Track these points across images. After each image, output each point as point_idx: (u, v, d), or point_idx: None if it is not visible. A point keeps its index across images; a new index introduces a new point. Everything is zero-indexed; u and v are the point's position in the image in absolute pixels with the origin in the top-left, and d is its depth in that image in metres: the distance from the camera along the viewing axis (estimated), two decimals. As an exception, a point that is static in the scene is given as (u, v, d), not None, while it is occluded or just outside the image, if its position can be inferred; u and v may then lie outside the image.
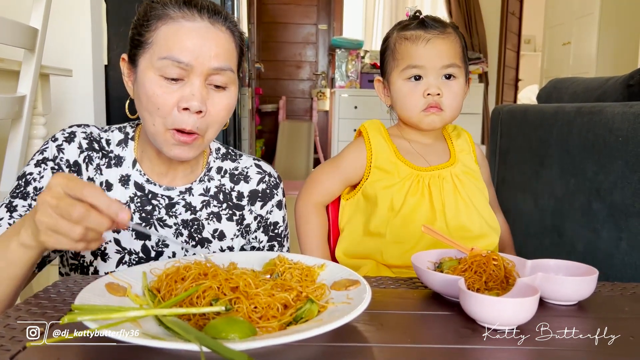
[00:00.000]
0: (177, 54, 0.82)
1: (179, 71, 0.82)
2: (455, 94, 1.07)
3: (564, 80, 2.16)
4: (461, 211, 1.08)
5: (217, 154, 1.04)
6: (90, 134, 0.95)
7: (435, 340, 0.60)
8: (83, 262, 0.92)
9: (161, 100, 0.83)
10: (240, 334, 0.54)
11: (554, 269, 0.77)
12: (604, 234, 1.51)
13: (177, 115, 0.83)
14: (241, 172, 1.03)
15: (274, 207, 1.05)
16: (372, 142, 1.12)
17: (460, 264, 0.77)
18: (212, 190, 1.00)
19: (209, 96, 0.85)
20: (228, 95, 0.88)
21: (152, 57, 0.83)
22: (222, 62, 0.85)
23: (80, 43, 2.35)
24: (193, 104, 0.82)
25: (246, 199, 1.02)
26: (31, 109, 1.63)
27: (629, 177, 1.41)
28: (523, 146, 2.03)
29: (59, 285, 0.75)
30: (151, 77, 0.83)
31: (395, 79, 1.11)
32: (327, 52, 5.62)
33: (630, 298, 0.76)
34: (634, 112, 1.42)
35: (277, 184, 1.06)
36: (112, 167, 0.95)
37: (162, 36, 0.83)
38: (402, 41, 1.10)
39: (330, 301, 0.64)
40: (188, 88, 0.83)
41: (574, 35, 4.78)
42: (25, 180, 0.89)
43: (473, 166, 1.15)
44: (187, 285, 0.64)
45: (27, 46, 1.56)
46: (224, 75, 0.85)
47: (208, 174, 1.00)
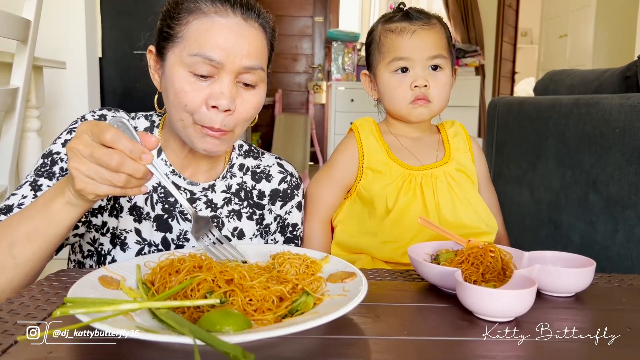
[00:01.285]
0: (208, 51, 0.80)
1: (209, 68, 0.80)
2: (442, 85, 1.07)
3: (560, 72, 2.16)
4: (458, 209, 1.07)
5: (239, 150, 1.03)
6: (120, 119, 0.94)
7: (431, 333, 0.59)
8: (101, 249, 0.91)
9: (189, 97, 0.81)
10: (234, 326, 0.54)
11: (551, 260, 0.77)
12: (600, 226, 1.51)
13: (206, 113, 0.82)
14: (263, 170, 1.02)
15: (294, 207, 1.04)
16: (364, 143, 1.11)
17: (457, 256, 0.76)
18: (233, 188, 0.98)
19: (238, 94, 0.83)
20: (257, 94, 0.86)
21: (181, 52, 0.81)
22: (254, 60, 0.83)
23: (74, 35, 2.34)
24: (222, 103, 0.80)
25: (267, 198, 1.01)
26: (24, 101, 1.61)
27: (625, 169, 1.41)
28: (519, 139, 2.02)
29: (51, 278, 0.75)
30: (180, 73, 0.81)
31: (381, 72, 1.09)
32: (324, 45, 5.59)
33: (628, 289, 0.75)
34: (630, 104, 1.41)
35: (298, 184, 1.05)
36: None
37: (193, 31, 0.81)
38: (387, 34, 1.08)
39: (326, 293, 0.64)
40: (218, 86, 0.81)
41: (571, 27, 4.77)
42: (51, 159, 0.87)
43: (469, 165, 1.13)
44: (182, 277, 0.63)
45: (20, 38, 1.54)
46: (254, 74, 0.84)
47: (230, 170, 0.99)
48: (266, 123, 5.71)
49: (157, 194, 0.92)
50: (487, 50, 5.51)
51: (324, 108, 5.59)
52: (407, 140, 1.14)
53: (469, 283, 0.63)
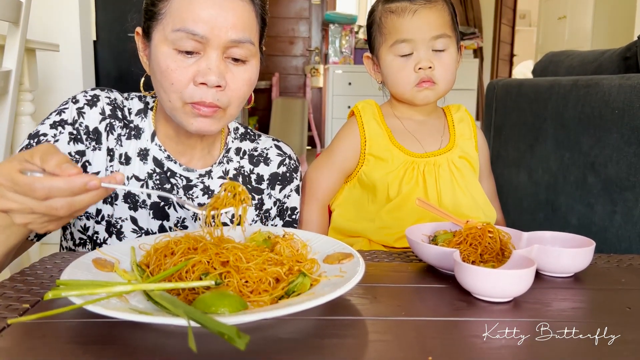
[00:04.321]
0: (191, 25, 0.76)
1: (193, 44, 0.77)
2: (447, 66, 1.04)
3: (559, 53, 2.14)
4: (459, 199, 1.06)
5: (235, 133, 0.99)
6: (114, 100, 0.90)
7: (429, 313, 0.59)
8: (96, 238, 0.89)
9: (175, 75, 0.78)
10: (230, 308, 0.53)
11: (550, 241, 0.76)
12: (598, 208, 1.50)
13: (195, 89, 0.78)
14: (261, 153, 0.99)
15: (293, 191, 1.01)
16: (366, 128, 1.09)
17: (455, 237, 0.76)
18: (230, 173, 0.96)
19: (227, 70, 0.80)
20: (248, 69, 0.82)
21: (165, 29, 0.78)
22: (241, 33, 0.79)
23: (68, 17, 2.30)
24: (210, 79, 0.77)
25: (266, 182, 0.98)
26: (17, 84, 1.59)
27: (624, 150, 1.40)
28: (518, 121, 2.01)
29: (45, 261, 0.74)
30: (165, 51, 0.78)
31: (384, 54, 1.07)
32: (321, 28, 5.54)
33: (627, 269, 0.75)
34: (630, 85, 1.40)
35: (296, 167, 1.02)
36: (132, 138, 0.90)
37: (175, 7, 0.78)
38: (388, 14, 1.05)
39: (323, 274, 0.63)
40: (204, 61, 0.78)
41: (569, 9, 4.73)
42: (37, 140, 0.84)
43: (472, 153, 1.12)
44: (176, 259, 0.63)
45: (11, 19, 1.51)
46: (243, 47, 0.80)
47: (227, 155, 0.96)
48: (263, 107, 5.68)
49: (152, 181, 0.90)
50: (486, 32, 5.47)
51: (321, 91, 5.55)
52: (412, 124, 1.12)
53: (467, 263, 0.63)
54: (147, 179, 0.90)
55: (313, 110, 5.48)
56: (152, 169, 0.90)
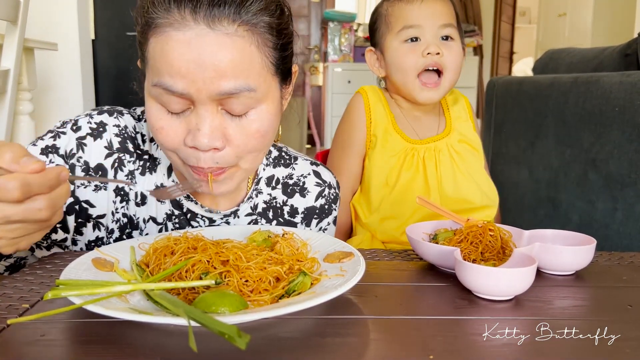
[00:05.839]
0: (167, 80, 0.61)
1: (177, 101, 0.62)
2: (455, 54, 1.03)
3: (560, 51, 2.13)
4: (460, 183, 1.06)
5: (267, 159, 0.85)
6: (124, 129, 0.76)
7: (430, 312, 0.58)
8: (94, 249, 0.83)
9: (165, 135, 0.65)
10: (230, 307, 0.53)
11: (551, 239, 0.76)
12: (599, 205, 1.50)
13: (189, 152, 0.65)
14: (296, 182, 0.85)
15: (330, 224, 0.89)
16: (372, 109, 1.09)
17: (455, 235, 0.75)
18: (260, 207, 0.83)
19: (226, 123, 0.64)
20: (256, 120, 0.65)
21: (148, 79, 0.65)
22: (232, 82, 0.61)
23: (66, 16, 2.29)
24: (201, 142, 0.62)
25: (300, 216, 0.85)
26: (16, 83, 1.59)
27: (625, 147, 1.40)
28: (518, 118, 2.01)
29: (45, 261, 0.73)
30: (152, 106, 0.65)
31: (390, 42, 1.06)
32: (320, 26, 5.53)
33: (628, 267, 0.75)
34: (631, 82, 1.40)
35: (336, 196, 0.88)
36: (147, 173, 0.77)
37: (151, 54, 0.63)
38: (395, 3, 1.06)
39: (323, 273, 0.63)
40: (194, 119, 0.63)
41: (570, 6, 4.72)
42: None
43: (471, 135, 1.12)
44: (176, 259, 0.62)
45: (10, 18, 1.51)
46: (240, 98, 0.62)
47: (257, 187, 0.83)
48: (263, 105, 5.65)
49: (171, 223, 0.79)
50: (485, 30, 5.46)
51: (320, 90, 5.54)
52: (409, 117, 1.12)
53: (468, 262, 0.63)
54: (165, 221, 0.79)
55: (312, 109, 5.47)
56: (170, 210, 0.79)
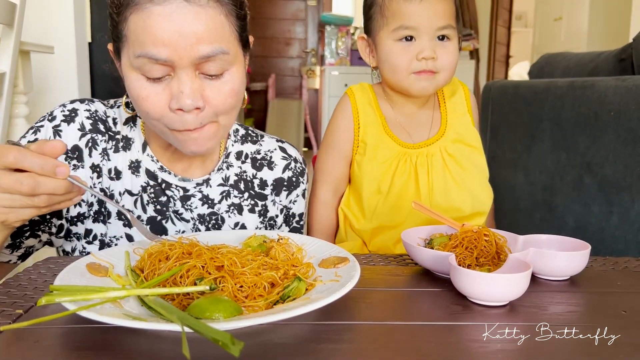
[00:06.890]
0: (151, 50, 0.68)
1: (160, 68, 0.70)
2: (451, 54, 0.99)
3: (555, 55, 2.14)
4: (451, 191, 1.02)
5: (235, 136, 0.93)
6: (94, 113, 0.84)
7: (425, 317, 0.58)
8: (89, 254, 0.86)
9: (149, 103, 0.72)
10: (225, 313, 0.53)
11: (546, 244, 0.76)
12: (594, 209, 1.50)
13: (174, 117, 0.72)
14: (264, 156, 0.94)
15: (299, 196, 0.96)
16: (361, 114, 1.05)
17: (450, 240, 0.75)
18: (231, 179, 0.90)
19: (204, 86, 0.72)
20: (229, 80, 0.74)
21: (129, 53, 0.71)
22: (209, 46, 0.70)
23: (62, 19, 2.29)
24: (185, 103, 0.70)
25: (270, 188, 0.93)
26: (11, 87, 1.58)
27: (620, 151, 1.40)
28: (514, 122, 2.01)
29: (39, 266, 0.73)
30: (134, 78, 0.72)
31: (383, 39, 1.01)
32: (317, 29, 5.54)
33: (623, 272, 0.75)
34: (626, 86, 1.40)
35: (303, 170, 0.96)
36: (120, 150, 0.85)
37: (132, 29, 0.70)
38: None
39: (318, 279, 0.63)
40: (175, 84, 0.71)
41: (565, 10, 4.74)
42: None
43: (467, 130, 1.07)
44: (171, 264, 0.62)
45: (5, 21, 1.51)
46: (216, 60, 0.71)
47: (227, 160, 0.90)
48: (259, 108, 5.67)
49: (146, 194, 0.85)
50: (482, 34, 5.48)
51: (317, 93, 5.55)
52: (402, 115, 1.08)
53: (463, 267, 0.63)
54: (141, 193, 0.85)
55: (309, 112, 5.48)
56: (145, 182, 0.85)
